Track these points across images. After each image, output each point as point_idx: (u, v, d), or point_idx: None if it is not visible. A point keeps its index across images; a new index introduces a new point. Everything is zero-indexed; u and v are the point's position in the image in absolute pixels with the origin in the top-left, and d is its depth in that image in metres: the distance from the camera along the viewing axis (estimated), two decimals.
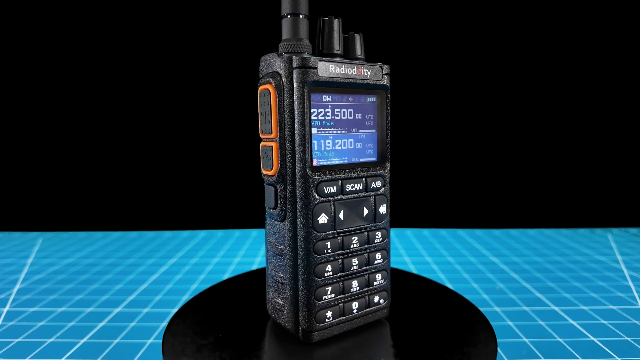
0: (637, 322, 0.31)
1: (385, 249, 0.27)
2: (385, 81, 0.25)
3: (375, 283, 0.26)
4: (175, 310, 0.32)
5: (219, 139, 0.56)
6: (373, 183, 0.25)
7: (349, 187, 0.24)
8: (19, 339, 0.29)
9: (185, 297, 0.35)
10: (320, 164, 0.24)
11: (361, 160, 0.25)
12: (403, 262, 0.44)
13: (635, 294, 0.35)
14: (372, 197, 0.25)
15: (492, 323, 0.29)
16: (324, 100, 0.23)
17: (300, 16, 0.23)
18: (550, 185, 0.57)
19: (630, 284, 0.38)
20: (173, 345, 0.25)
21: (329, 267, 0.24)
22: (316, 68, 0.22)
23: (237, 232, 0.56)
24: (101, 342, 0.28)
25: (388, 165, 0.26)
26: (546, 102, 0.56)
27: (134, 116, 0.56)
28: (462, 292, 0.35)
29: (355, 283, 0.25)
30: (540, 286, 0.37)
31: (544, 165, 0.57)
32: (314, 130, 0.23)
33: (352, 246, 0.25)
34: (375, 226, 0.26)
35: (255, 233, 0.56)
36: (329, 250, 0.24)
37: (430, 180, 0.57)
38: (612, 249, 0.48)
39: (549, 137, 0.56)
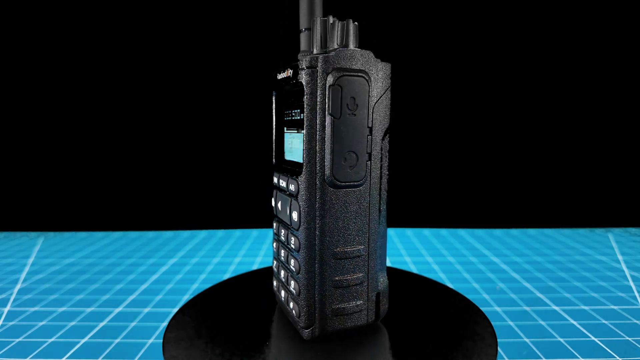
0: (638, 322, 0.31)
1: (297, 260, 0.24)
2: (303, 78, 0.22)
3: (290, 287, 0.25)
4: (175, 310, 0.33)
5: (220, 139, 0.56)
6: (291, 185, 0.24)
7: (281, 183, 0.26)
8: (19, 339, 0.29)
9: (186, 297, 0.35)
10: (287, 158, 0.27)
11: (301, 160, 0.24)
12: (403, 262, 0.44)
13: (636, 294, 0.35)
14: (290, 199, 0.25)
15: (492, 323, 0.29)
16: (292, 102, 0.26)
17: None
18: (551, 185, 0.57)
19: (631, 283, 0.38)
20: (174, 345, 0.25)
21: (275, 244, 0.28)
22: (276, 77, 0.26)
23: (237, 232, 0.56)
24: (102, 341, 0.28)
25: (304, 172, 0.23)
26: (546, 101, 0.56)
27: (135, 116, 0.56)
28: (462, 292, 0.35)
29: (282, 273, 0.27)
30: (541, 286, 0.37)
31: (544, 165, 0.57)
32: (286, 129, 0.27)
33: (281, 237, 0.27)
34: (292, 229, 0.25)
35: (256, 233, 0.56)
36: (275, 230, 0.28)
37: (430, 180, 0.57)
38: (613, 249, 0.48)
39: (549, 137, 0.56)
